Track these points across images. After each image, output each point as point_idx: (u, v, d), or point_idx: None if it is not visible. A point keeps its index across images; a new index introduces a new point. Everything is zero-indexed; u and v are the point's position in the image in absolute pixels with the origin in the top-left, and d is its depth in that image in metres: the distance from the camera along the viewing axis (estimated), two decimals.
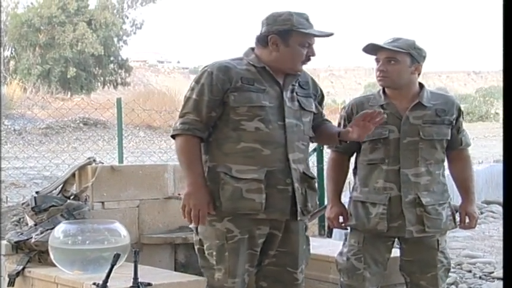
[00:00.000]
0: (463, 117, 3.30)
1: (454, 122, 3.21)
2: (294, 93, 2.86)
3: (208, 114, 2.75)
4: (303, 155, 2.88)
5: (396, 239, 3.23)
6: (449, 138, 3.19)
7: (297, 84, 2.91)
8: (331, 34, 2.84)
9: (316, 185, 3.01)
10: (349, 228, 3.29)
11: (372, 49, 3.12)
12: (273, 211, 2.78)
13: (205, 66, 2.83)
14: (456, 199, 3.47)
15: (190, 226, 2.90)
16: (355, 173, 3.28)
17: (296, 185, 2.82)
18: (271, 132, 2.76)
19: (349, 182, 3.39)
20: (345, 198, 3.38)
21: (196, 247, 2.91)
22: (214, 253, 2.81)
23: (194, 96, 2.77)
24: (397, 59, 3.06)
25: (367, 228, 3.14)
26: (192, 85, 2.81)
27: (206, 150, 2.83)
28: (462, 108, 3.34)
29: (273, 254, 2.90)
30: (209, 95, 2.75)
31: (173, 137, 2.82)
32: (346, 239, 3.29)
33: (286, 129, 2.79)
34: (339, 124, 3.23)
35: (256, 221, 2.79)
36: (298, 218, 2.86)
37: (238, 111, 2.74)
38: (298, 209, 2.84)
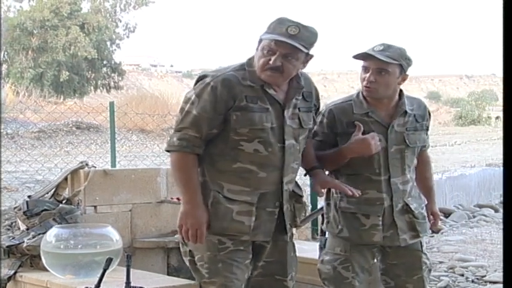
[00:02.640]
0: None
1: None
2: (296, 109, 2.73)
3: (209, 131, 2.63)
4: (295, 174, 2.81)
5: None
6: (425, 143, 3.18)
7: (300, 97, 2.77)
8: (283, 41, 2.58)
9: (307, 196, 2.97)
10: (327, 234, 3.20)
11: (362, 56, 3.02)
12: (257, 233, 2.72)
13: (205, 77, 2.66)
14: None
15: (176, 237, 2.85)
16: None
17: (286, 205, 2.77)
18: (270, 155, 2.66)
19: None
20: (321, 202, 3.29)
21: (186, 259, 2.78)
22: (206, 265, 2.70)
23: (195, 111, 2.61)
24: (388, 71, 2.96)
25: (363, 240, 3.06)
26: (192, 98, 2.64)
27: (198, 163, 2.71)
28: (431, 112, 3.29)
29: (260, 264, 2.83)
30: (212, 112, 2.60)
31: (168, 150, 2.70)
32: (324, 245, 3.21)
33: (285, 152, 2.69)
34: (316, 132, 3.05)
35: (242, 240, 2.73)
36: (288, 235, 2.82)
37: (239, 131, 2.63)
38: (287, 226, 2.80)
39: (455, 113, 37.04)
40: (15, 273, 3.81)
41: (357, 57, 3.03)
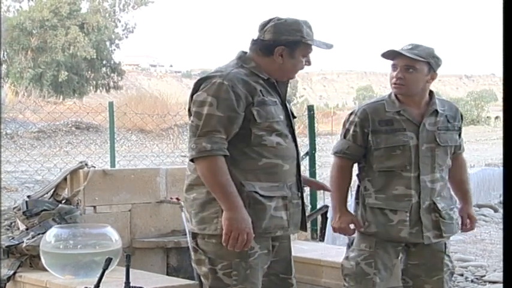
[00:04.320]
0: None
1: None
2: (286, 102, 2.81)
3: (234, 131, 2.58)
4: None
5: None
6: (458, 144, 3.23)
7: None
8: (332, 46, 2.81)
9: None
10: (356, 232, 3.24)
11: (390, 55, 3.11)
12: (290, 225, 2.73)
13: (211, 78, 2.61)
14: None
15: (190, 244, 2.77)
16: (363, 179, 3.20)
17: (303, 196, 2.82)
18: (288, 146, 2.70)
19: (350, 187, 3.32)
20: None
21: (204, 267, 2.67)
22: (234, 272, 2.62)
23: (219, 113, 2.54)
24: (416, 68, 3.05)
25: (390, 236, 3.10)
26: (208, 100, 2.56)
27: None
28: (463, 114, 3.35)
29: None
30: (237, 110, 2.57)
31: (193, 159, 2.58)
32: (352, 243, 3.24)
33: (296, 142, 2.77)
34: (347, 130, 3.16)
35: (273, 237, 2.74)
36: (307, 228, 2.86)
37: (260, 127, 2.61)
38: (306, 219, 2.85)
39: None
40: (14, 273, 3.81)
41: (385, 55, 3.11)
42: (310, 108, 6.09)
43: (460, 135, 3.26)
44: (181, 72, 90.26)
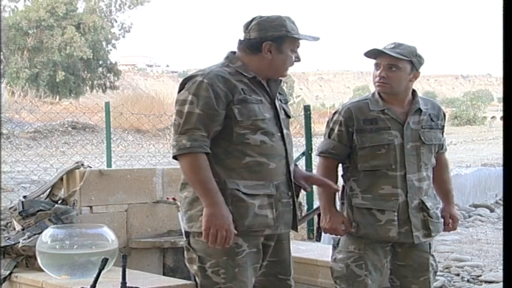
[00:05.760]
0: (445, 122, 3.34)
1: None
2: (279, 101, 2.80)
3: (215, 129, 2.61)
4: (293, 165, 2.85)
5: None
6: (441, 143, 3.23)
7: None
8: (318, 38, 2.84)
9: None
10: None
11: (373, 54, 3.12)
12: (279, 225, 2.73)
13: (194, 77, 2.66)
14: None
15: (182, 243, 2.77)
16: (348, 179, 3.20)
17: (295, 196, 2.80)
18: (275, 145, 2.69)
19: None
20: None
21: (194, 265, 2.69)
22: (222, 271, 2.64)
23: (198, 110, 2.58)
24: (399, 66, 3.07)
25: (379, 236, 3.09)
26: (188, 98, 2.60)
27: None
28: (445, 113, 3.36)
29: (264, 264, 2.81)
30: (216, 108, 2.59)
31: (176, 156, 2.62)
32: (337, 244, 3.23)
33: (285, 141, 2.76)
34: (332, 130, 3.16)
35: (262, 236, 2.72)
36: (304, 228, 2.84)
37: (242, 125, 2.63)
38: (297, 218, 2.83)
39: (451, 113, 37.19)
40: (10, 273, 3.80)
41: (367, 54, 3.12)
42: (307, 108, 6.09)
43: (443, 134, 3.27)
44: (177, 72, 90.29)
